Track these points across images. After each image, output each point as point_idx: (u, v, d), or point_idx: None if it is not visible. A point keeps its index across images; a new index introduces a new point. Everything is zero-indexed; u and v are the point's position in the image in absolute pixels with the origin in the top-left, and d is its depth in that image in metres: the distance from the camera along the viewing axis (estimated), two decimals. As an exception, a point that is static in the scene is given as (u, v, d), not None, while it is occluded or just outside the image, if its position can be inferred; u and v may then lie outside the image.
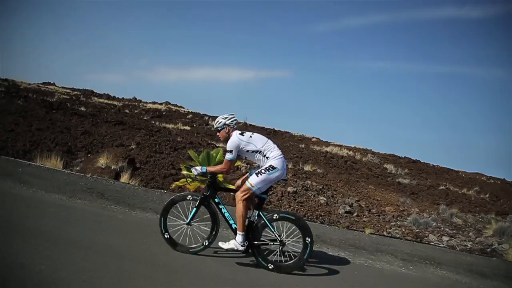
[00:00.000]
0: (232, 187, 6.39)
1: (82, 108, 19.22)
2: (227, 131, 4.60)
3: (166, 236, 4.58)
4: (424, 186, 17.99)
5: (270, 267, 4.41)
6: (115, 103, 31.18)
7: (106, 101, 31.34)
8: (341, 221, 7.65)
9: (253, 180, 4.36)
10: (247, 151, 4.49)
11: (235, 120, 4.67)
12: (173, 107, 33.07)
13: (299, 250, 4.42)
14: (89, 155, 9.59)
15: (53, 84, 35.30)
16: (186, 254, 4.51)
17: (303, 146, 24.27)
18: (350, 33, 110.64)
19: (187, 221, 4.56)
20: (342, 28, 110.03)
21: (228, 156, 4.42)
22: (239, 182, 4.81)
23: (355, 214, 8.62)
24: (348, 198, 9.48)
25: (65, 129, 11.52)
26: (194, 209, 4.55)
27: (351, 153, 23.89)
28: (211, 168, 4.61)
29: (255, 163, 4.69)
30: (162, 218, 4.57)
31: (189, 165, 4.98)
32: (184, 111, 31.76)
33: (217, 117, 4.74)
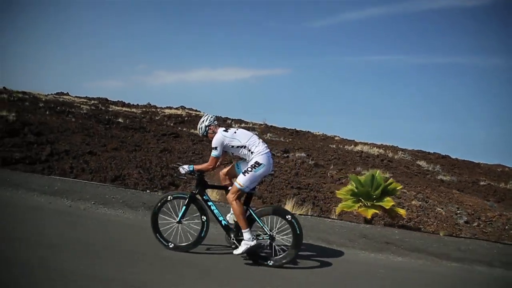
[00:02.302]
0: (402, 211, 6.38)
1: (120, 120, 19.07)
2: (211, 131, 4.73)
3: (157, 235, 4.68)
4: (466, 182, 18.22)
5: (261, 261, 4.51)
6: (134, 110, 30.93)
7: (125, 109, 31.08)
8: (477, 233, 7.78)
9: (241, 180, 4.47)
10: (232, 146, 4.59)
11: (211, 117, 4.81)
12: (192, 112, 32.90)
13: (289, 244, 4.51)
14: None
15: (67, 94, 34.87)
16: (178, 252, 4.59)
17: (334, 146, 24.38)
18: (348, 28, 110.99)
19: (178, 219, 4.66)
20: (339, 23, 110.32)
21: (213, 153, 4.54)
22: (224, 171, 4.95)
23: (475, 224, 8.74)
24: (446, 205, 9.62)
25: (136, 146, 11.42)
26: (184, 207, 4.65)
27: (381, 151, 24.08)
28: (198, 166, 4.72)
29: (242, 157, 4.77)
30: (153, 219, 4.69)
31: (177, 164, 5.05)
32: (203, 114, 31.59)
33: (234, 119, 4.84)
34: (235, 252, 4.50)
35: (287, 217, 4.49)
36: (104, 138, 12.00)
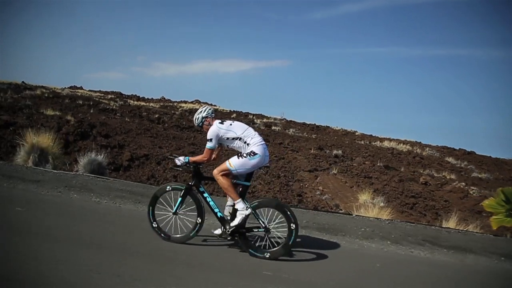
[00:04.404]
0: None
1: (156, 116, 18.81)
2: (207, 123, 4.71)
3: (154, 225, 4.70)
4: (503, 180, 18.51)
5: (256, 254, 4.55)
6: (152, 105, 30.55)
7: (142, 103, 30.65)
8: None
9: (233, 161, 4.47)
10: (227, 138, 4.58)
11: (210, 109, 4.82)
12: (209, 106, 32.62)
13: (285, 235, 4.52)
14: (289, 183, 9.25)
15: (81, 88, 34.19)
16: (174, 243, 4.60)
17: (362, 142, 24.50)
18: (348, 19, 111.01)
19: (173, 210, 4.68)
20: (339, 15, 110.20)
21: (208, 145, 4.55)
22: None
23: None
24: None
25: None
26: (180, 198, 4.68)
27: (409, 147, 24.28)
28: (193, 158, 4.72)
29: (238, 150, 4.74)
30: (150, 208, 4.70)
31: (173, 155, 5.06)
32: (224, 110, 31.40)
33: (254, 114, 4.72)
34: (232, 223, 4.51)
35: (273, 204, 4.60)
36: (169, 140, 11.81)
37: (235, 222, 4.45)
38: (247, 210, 4.44)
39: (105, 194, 6.13)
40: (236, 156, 4.48)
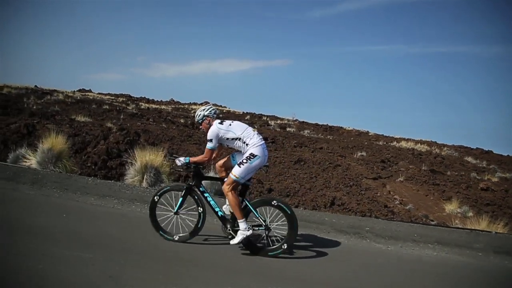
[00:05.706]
0: None
1: (182, 120, 18.62)
2: (207, 122, 4.79)
3: (154, 223, 4.79)
4: (528, 179, 18.61)
5: (256, 252, 4.65)
6: (164, 107, 30.29)
7: (153, 105, 30.35)
8: None
9: (236, 171, 4.56)
10: (227, 138, 4.67)
11: (213, 109, 4.88)
12: (222, 108, 32.45)
13: (285, 233, 4.62)
14: (362, 192, 9.11)
15: (90, 91, 33.74)
16: (175, 242, 4.68)
17: (380, 143, 24.53)
18: (347, 17, 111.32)
19: (175, 210, 4.78)
20: (339, 13, 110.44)
21: (209, 145, 4.64)
22: (220, 162, 5.04)
23: None
24: None
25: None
26: (181, 198, 4.77)
27: (427, 147, 24.37)
28: (194, 159, 4.80)
29: (237, 149, 4.87)
30: (152, 206, 4.78)
31: (173, 156, 5.12)
32: (236, 111, 31.25)
33: (266, 115, 4.76)
34: (232, 242, 4.57)
35: (273, 202, 4.62)
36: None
37: (235, 240, 4.54)
38: (248, 231, 4.51)
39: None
40: (236, 166, 4.53)
